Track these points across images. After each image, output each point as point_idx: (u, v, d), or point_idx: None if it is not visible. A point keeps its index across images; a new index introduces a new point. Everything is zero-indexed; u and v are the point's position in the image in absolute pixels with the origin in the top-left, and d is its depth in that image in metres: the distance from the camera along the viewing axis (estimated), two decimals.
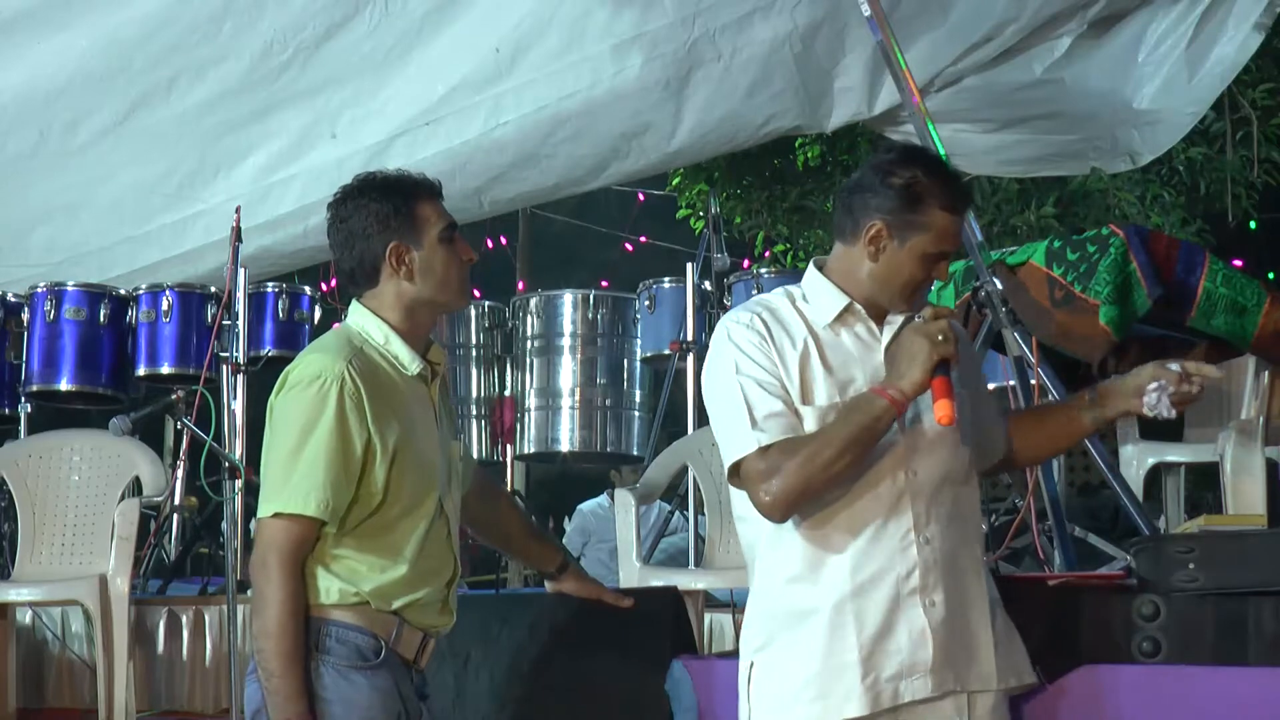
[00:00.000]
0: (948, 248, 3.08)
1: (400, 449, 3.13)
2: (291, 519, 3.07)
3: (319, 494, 3.06)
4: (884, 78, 6.56)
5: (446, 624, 3.29)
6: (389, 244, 3.20)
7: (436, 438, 3.24)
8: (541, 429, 6.79)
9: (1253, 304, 4.53)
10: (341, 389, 3.08)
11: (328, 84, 6.69)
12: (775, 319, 3.10)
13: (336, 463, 3.07)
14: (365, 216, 3.22)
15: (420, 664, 3.24)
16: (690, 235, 10.47)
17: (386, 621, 3.14)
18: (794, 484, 2.97)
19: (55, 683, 5.60)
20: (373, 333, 3.22)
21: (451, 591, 3.29)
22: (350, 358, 3.13)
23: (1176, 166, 10.01)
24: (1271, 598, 3.38)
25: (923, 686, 3.01)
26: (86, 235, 7.14)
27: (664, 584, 4.79)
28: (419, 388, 3.23)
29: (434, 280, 3.22)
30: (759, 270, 6.75)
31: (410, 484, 3.15)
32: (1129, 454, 5.67)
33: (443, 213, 3.26)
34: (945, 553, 3.05)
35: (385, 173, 3.29)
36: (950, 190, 3.08)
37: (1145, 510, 4.74)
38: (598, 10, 6.55)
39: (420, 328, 3.26)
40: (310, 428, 3.08)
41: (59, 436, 5.69)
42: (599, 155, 6.95)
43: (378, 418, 3.11)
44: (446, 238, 3.23)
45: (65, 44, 6.57)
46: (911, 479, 3.05)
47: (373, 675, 3.11)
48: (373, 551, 3.14)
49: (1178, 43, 7.00)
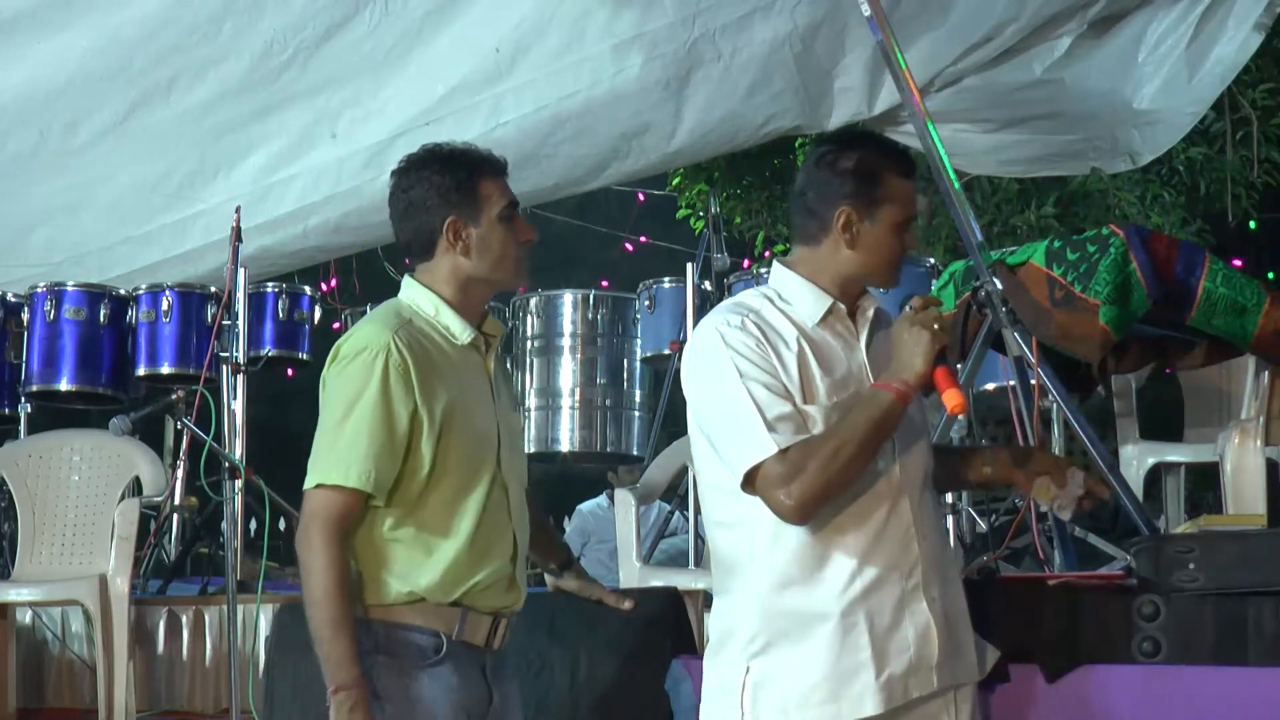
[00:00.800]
0: (912, 212, 3.13)
1: (448, 420, 3.12)
2: (334, 490, 3.07)
3: (362, 465, 3.06)
4: (884, 78, 6.56)
5: (515, 602, 3.24)
6: (447, 218, 3.20)
7: (492, 409, 3.23)
8: (541, 429, 6.79)
9: (1253, 304, 4.53)
10: (387, 360, 3.08)
11: (328, 84, 6.69)
12: (764, 321, 3.08)
13: (380, 434, 3.06)
14: (426, 189, 3.22)
15: (493, 645, 3.20)
16: (690, 235, 10.46)
17: (448, 614, 3.12)
18: (818, 484, 2.94)
19: (55, 683, 5.61)
20: (423, 305, 3.22)
21: (518, 567, 3.25)
22: (398, 329, 3.12)
23: (1176, 166, 10.00)
24: (1271, 598, 3.38)
25: (928, 682, 3.02)
26: (86, 235, 7.14)
27: (664, 584, 4.80)
28: (473, 358, 3.23)
29: (490, 258, 3.21)
30: (759, 270, 6.74)
31: (462, 455, 3.14)
32: (1129, 454, 5.68)
33: (505, 190, 3.24)
34: (937, 548, 3.09)
35: (451, 145, 3.28)
36: (898, 156, 3.14)
37: (1145, 510, 4.74)
38: (598, 10, 6.55)
39: (474, 302, 3.25)
40: (355, 399, 3.08)
41: (59, 436, 5.70)
42: (599, 155, 6.95)
43: (425, 389, 3.10)
44: (506, 216, 3.22)
45: (65, 44, 6.57)
46: (905, 476, 3.06)
47: (434, 673, 3.11)
48: (428, 533, 3.12)
49: (1178, 43, 7.00)
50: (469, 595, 3.14)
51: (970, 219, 4.86)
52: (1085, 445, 4.75)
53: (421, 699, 3.10)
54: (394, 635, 3.11)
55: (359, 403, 3.08)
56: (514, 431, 3.32)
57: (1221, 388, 5.70)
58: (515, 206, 3.25)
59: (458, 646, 3.14)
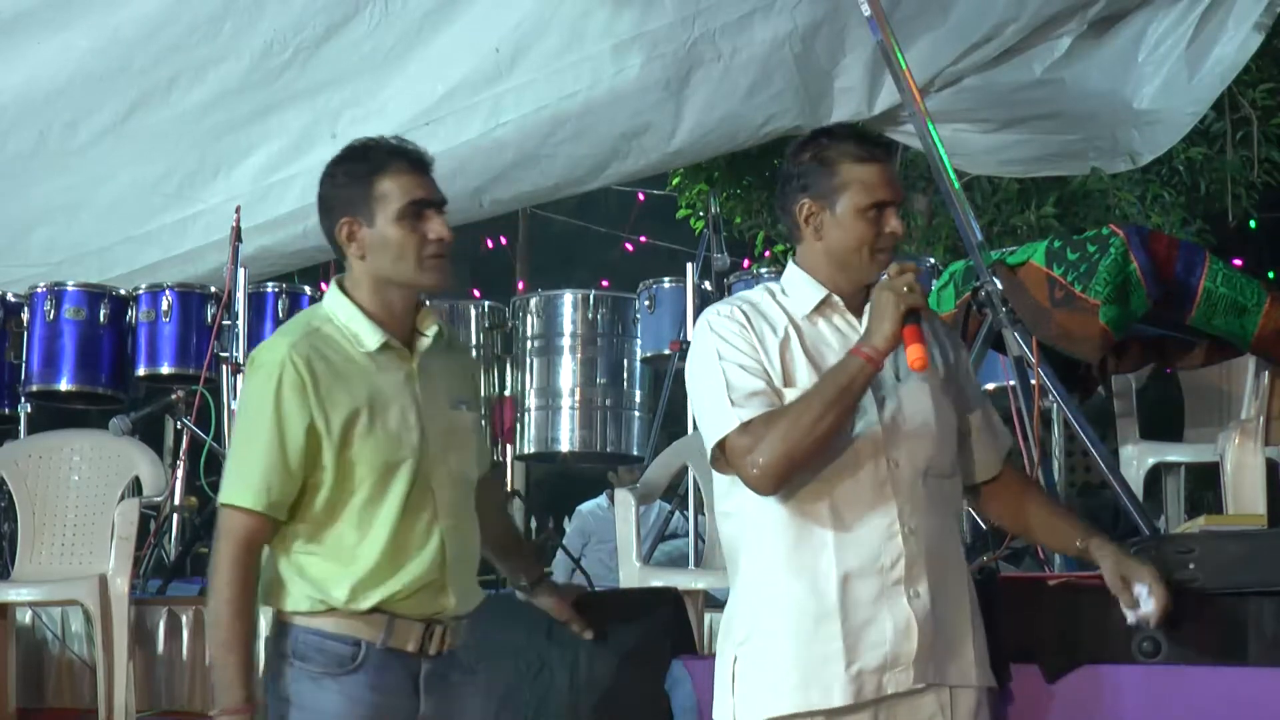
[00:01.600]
0: (881, 196, 3.08)
1: (350, 429, 3.05)
2: (234, 510, 3.05)
3: (256, 485, 3.02)
4: (884, 78, 6.56)
5: (447, 608, 3.14)
6: (340, 220, 3.14)
7: (414, 411, 3.13)
8: (541, 429, 6.78)
9: (1253, 304, 4.53)
10: (281, 374, 3.02)
11: (328, 84, 6.69)
12: (756, 310, 3.13)
13: (273, 452, 3.02)
14: (327, 188, 3.18)
15: (428, 652, 3.12)
16: (690, 235, 10.46)
17: (371, 622, 3.06)
18: (779, 451, 2.98)
19: (55, 683, 5.60)
20: (336, 311, 3.15)
21: (451, 572, 3.14)
22: (297, 340, 3.07)
23: (1176, 166, 10.00)
24: (1271, 598, 3.38)
25: (905, 678, 3.01)
26: (86, 235, 7.14)
27: (664, 584, 4.79)
28: (391, 361, 3.14)
29: (387, 258, 3.11)
30: (759, 270, 6.74)
31: (372, 464, 3.06)
32: (1129, 454, 5.67)
33: (410, 187, 3.12)
34: (929, 545, 3.06)
35: (364, 141, 3.19)
36: (856, 142, 3.12)
37: (1145, 510, 4.74)
38: (598, 10, 6.56)
39: (390, 304, 3.15)
40: (252, 416, 3.06)
41: (59, 436, 5.69)
42: (599, 155, 6.95)
43: (323, 400, 3.03)
44: (408, 214, 3.10)
45: (65, 44, 6.57)
46: (894, 469, 3.05)
47: (346, 682, 3.05)
48: (342, 544, 3.07)
49: (1178, 43, 7.01)
50: (389, 604, 3.07)
51: (970, 219, 4.86)
52: (1085, 445, 4.75)
53: (327, 709, 3.05)
54: (310, 642, 3.07)
55: (255, 420, 3.05)
56: (456, 430, 3.20)
57: (1221, 388, 5.70)
58: (424, 204, 3.14)
59: (382, 654, 3.07)
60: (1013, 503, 3.32)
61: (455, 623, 3.18)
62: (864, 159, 3.09)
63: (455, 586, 3.15)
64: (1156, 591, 3.15)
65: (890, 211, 3.10)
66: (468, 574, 3.22)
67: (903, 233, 3.15)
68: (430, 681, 3.14)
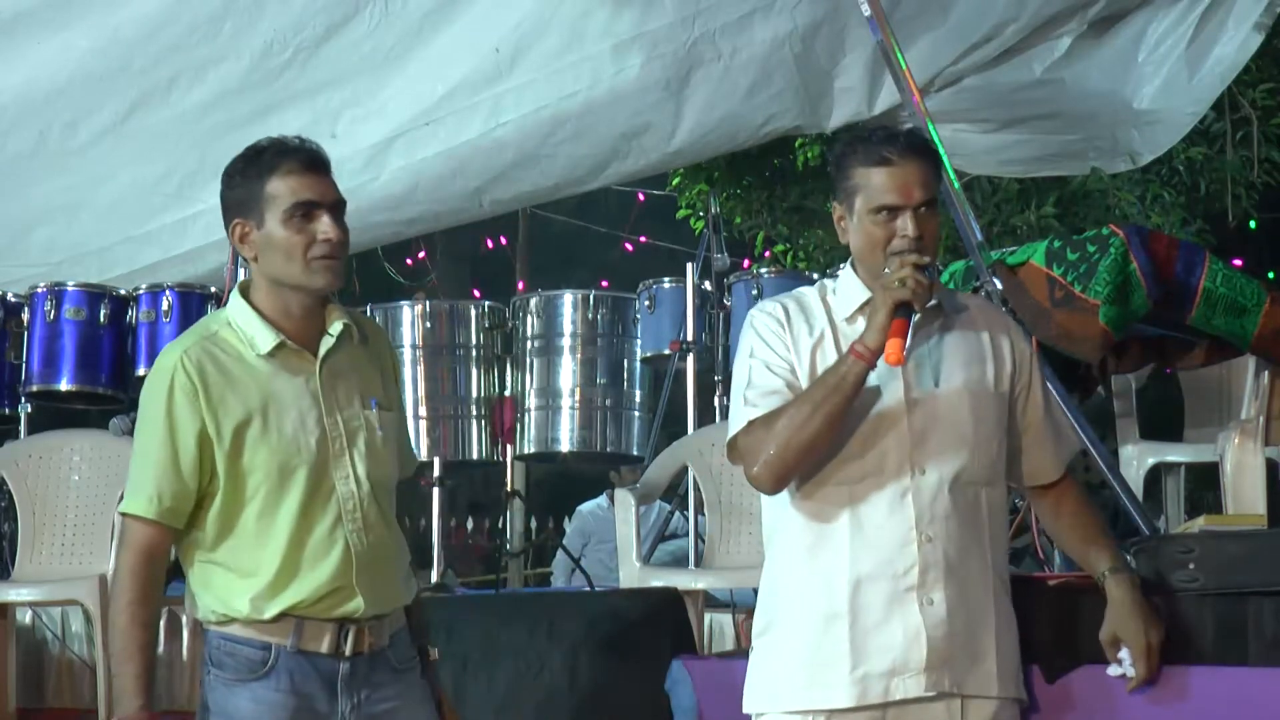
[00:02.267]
0: (889, 200, 3.08)
1: (242, 434, 3.03)
2: (129, 519, 3.05)
3: (149, 493, 3.02)
4: (884, 78, 6.55)
5: (359, 609, 3.07)
6: (232, 221, 3.14)
7: (317, 413, 3.09)
8: (541, 429, 6.77)
9: (1253, 304, 4.53)
10: (172, 381, 3.02)
11: (328, 84, 6.69)
12: (800, 307, 3.16)
13: (164, 459, 3.02)
14: (224, 190, 3.18)
15: (344, 652, 3.06)
16: (690, 235, 10.46)
17: (278, 626, 3.04)
18: (773, 450, 3.01)
19: (55, 683, 5.60)
20: (235, 315, 3.13)
21: (360, 575, 3.07)
22: (190, 347, 3.06)
23: (1176, 166, 9.99)
24: (1271, 598, 3.37)
25: (915, 685, 3.01)
26: (86, 235, 7.13)
27: (664, 584, 4.80)
28: (290, 363, 3.10)
29: (276, 260, 3.08)
30: (759, 270, 6.74)
31: (267, 469, 3.04)
32: (1129, 454, 5.67)
33: (299, 188, 3.07)
34: (951, 553, 3.04)
35: (262, 144, 3.15)
36: (870, 146, 3.12)
37: (1145, 510, 4.74)
38: (598, 10, 6.55)
39: (289, 306, 3.12)
40: (145, 424, 3.06)
41: (59, 436, 5.69)
42: (599, 155, 6.94)
43: (215, 405, 3.02)
44: (296, 214, 3.06)
45: (65, 44, 6.56)
46: (918, 477, 3.05)
47: (258, 687, 3.04)
48: (241, 552, 3.05)
49: (1178, 43, 7.00)
50: (295, 610, 3.05)
51: (970, 219, 4.86)
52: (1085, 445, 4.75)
53: (238, 715, 3.04)
54: (223, 648, 3.06)
55: (147, 428, 3.04)
56: (365, 430, 3.14)
57: (1221, 388, 5.70)
58: (312, 205, 3.08)
59: (293, 657, 3.05)
60: (1053, 513, 3.31)
61: (374, 623, 3.12)
62: (874, 162, 3.09)
63: (365, 590, 3.09)
64: (1139, 663, 3.16)
65: (905, 215, 3.08)
66: (382, 576, 3.14)
67: (919, 234, 3.08)
68: (349, 682, 3.09)
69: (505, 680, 4.15)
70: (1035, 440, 3.25)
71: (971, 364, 3.16)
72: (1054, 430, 3.28)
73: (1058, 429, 3.30)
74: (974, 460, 3.10)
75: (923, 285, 3.00)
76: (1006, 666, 3.11)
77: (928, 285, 3.02)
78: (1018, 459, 3.24)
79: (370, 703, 3.12)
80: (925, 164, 3.12)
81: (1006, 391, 3.19)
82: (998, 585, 3.14)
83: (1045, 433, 3.26)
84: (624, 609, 4.28)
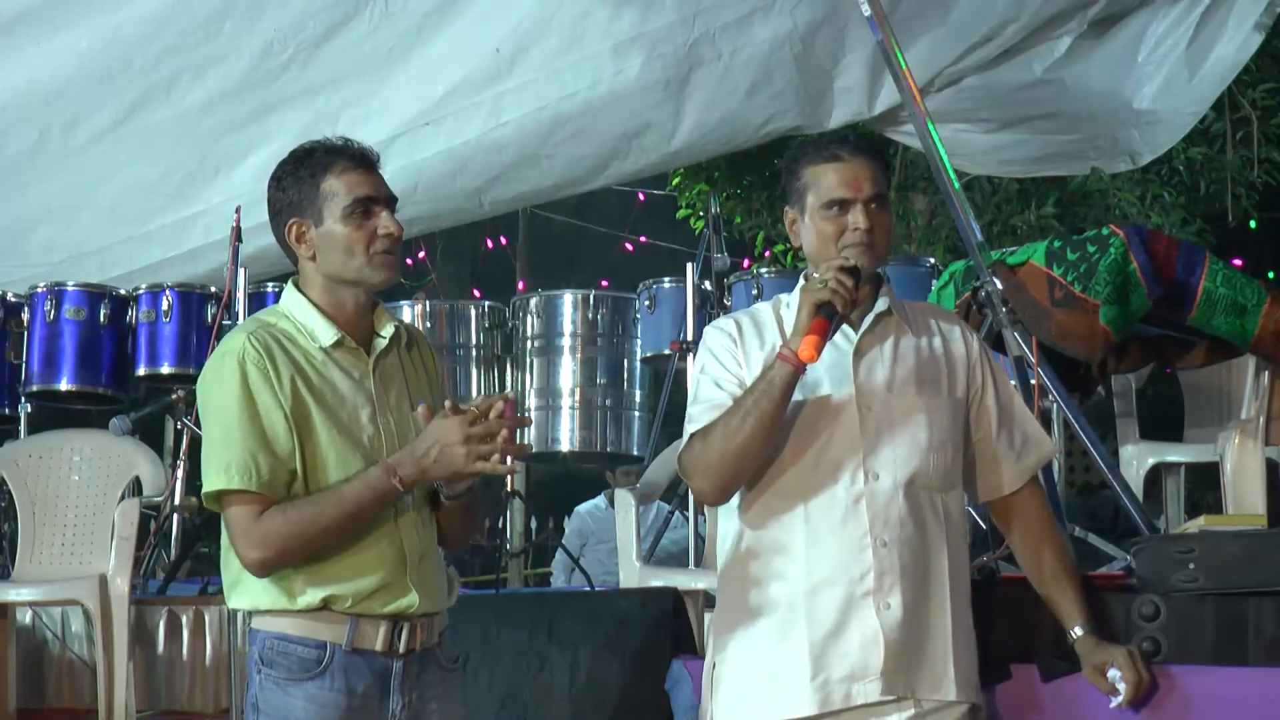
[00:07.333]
0: (839, 194, 3.08)
1: (305, 422, 3.03)
2: (230, 496, 3.00)
3: (238, 463, 2.98)
4: (884, 78, 6.56)
5: (412, 606, 3.08)
6: (288, 221, 3.13)
7: (371, 411, 3.11)
8: (541, 429, 6.78)
9: (1253, 304, 4.53)
10: (243, 358, 3.01)
11: (328, 84, 6.70)
12: (753, 322, 3.16)
13: (253, 432, 2.99)
14: (274, 193, 3.16)
15: (398, 650, 3.07)
16: (690, 235, 10.46)
17: (334, 623, 3.04)
18: (709, 461, 3.02)
19: (55, 683, 5.60)
20: (293, 309, 3.14)
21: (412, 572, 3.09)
22: (254, 330, 3.07)
23: (1176, 166, 9.99)
24: (1271, 598, 3.38)
25: (874, 689, 3.00)
26: (86, 235, 7.14)
27: (664, 584, 4.79)
28: (346, 359, 3.12)
29: (336, 257, 3.10)
30: (759, 270, 6.74)
31: (325, 459, 3.04)
32: (1129, 454, 5.67)
33: (355, 185, 3.09)
34: (907, 558, 3.04)
35: (310, 144, 3.16)
36: (820, 146, 3.13)
37: (1145, 510, 4.74)
38: (598, 10, 6.56)
39: (345, 304, 3.14)
40: (219, 405, 3.02)
41: (59, 436, 5.70)
42: (599, 155, 6.95)
43: (286, 385, 3.02)
44: (354, 211, 3.08)
45: (65, 44, 6.58)
46: (872, 482, 3.05)
47: (311, 686, 3.02)
48: None
49: (1178, 43, 7.01)
50: (350, 603, 3.04)
51: (970, 219, 4.86)
52: (1085, 445, 4.75)
53: (294, 714, 3.02)
54: (275, 647, 3.04)
55: (224, 407, 3.01)
56: (414, 431, 3.12)
57: (1221, 388, 5.69)
58: (371, 201, 3.10)
59: (348, 656, 3.05)
60: (1021, 536, 3.27)
61: (425, 620, 3.14)
62: (824, 159, 3.10)
63: (418, 585, 3.11)
64: (1127, 673, 3.15)
65: (855, 208, 3.08)
66: (432, 574, 3.17)
67: (870, 226, 3.08)
68: (402, 680, 3.10)
69: (505, 680, 4.15)
70: (986, 451, 3.22)
71: (924, 369, 3.14)
72: (1009, 441, 3.23)
73: (1019, 439, 3.24)
74: (928, 465, 3.09)
75: (845, 286, 2.97)
76: (966, 673, 3.09)
77: (850, 287, 2.99)
78: (971, 470, 3.22)
79: (421, 701, 3.14)
80: (874, 161, 3.13)
81: (962, 397, 3.18)
82: (956, 590, 3.11)
83: (999, 443, 3.22)
84: (624, 609, 4.27)
